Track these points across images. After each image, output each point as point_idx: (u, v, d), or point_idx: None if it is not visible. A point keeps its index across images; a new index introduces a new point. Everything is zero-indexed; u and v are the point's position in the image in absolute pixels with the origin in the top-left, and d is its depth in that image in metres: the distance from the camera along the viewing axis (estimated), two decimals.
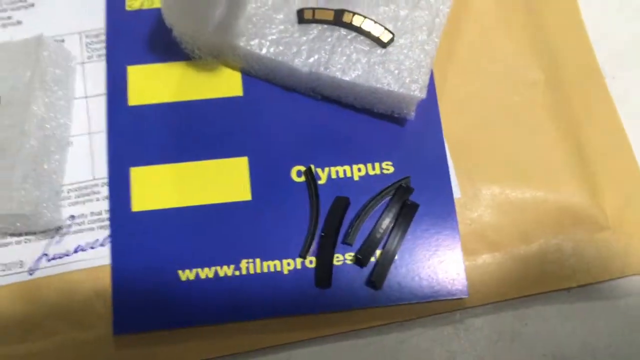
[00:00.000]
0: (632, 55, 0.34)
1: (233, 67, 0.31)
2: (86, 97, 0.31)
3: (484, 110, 0.32)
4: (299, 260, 0.29)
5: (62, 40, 0.32)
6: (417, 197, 0.30)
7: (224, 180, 0.30)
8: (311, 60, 0.29)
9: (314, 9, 0.29)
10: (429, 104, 0.31)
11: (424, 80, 0.29)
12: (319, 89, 0.30)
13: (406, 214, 0.30)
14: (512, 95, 0.32)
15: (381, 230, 0.29)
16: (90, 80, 0.31)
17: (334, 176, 0.30)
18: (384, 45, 0.29)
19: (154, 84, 0.31)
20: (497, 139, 0.31)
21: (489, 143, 0.31)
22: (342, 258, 0.29)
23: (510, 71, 0.32)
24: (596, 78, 0.33)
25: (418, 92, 0.28)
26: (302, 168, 0.30)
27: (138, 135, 0.30)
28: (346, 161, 0.30)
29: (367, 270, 0.29)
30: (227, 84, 0.31)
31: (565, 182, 0.31)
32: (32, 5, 0.33)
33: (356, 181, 0.30)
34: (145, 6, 0.32)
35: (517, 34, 0.33)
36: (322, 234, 0.29)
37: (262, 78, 0.31)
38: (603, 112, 0.32)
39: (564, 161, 0.31)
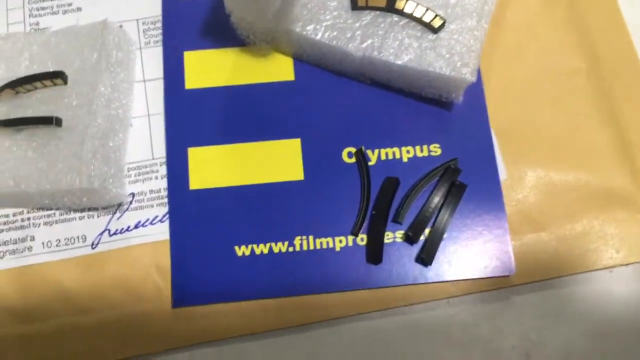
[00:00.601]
0: None
1: (285, 53, 0.31)
2: (144, 80, 0.31)
3: (527, 96, 0.32)
4: (350, 238, 0.29)
5: (121, 27, 0.32)
6: (465, 178, 0.30)
7: (278, 161, 0.30)
8: (364, 45, 0.29)
9: None
10: (475, 88, 0.31)
11: (475, 64, 0.29)
12: (370, 74, 0.30)
13: (455, 193, 0.29)
14: (555, 82, 0.32)
15: (430, 209, 0.29)
16: (148, 64, 0.31)
17: (383, 158, 0.30)
18: (435, 30, 0.29)
19: (209, 68, 0.31)
20: (541, 124, 0.31)
21: (533, 127, 0.31)
22: (393, 236, 0.29)
23: (553, 59, 0.32)
24: (635, 68, 0.33)
25: (469, 75, 0.28)
26: (353, 149, 0.30)
27: (194, 117, 0.30)
28: (395, 143, 0.30)
29: (417, 247, 0.29)
30: (279, 68, 0.31)
31: (606, 165, 0.31)
32: None
33: (405, 162, 0.30)
34: None
35: (559, 24, 0.33)
36: (373, 212, 0.29)
37: (313, 63, 0.31)
38: None
39: (605, 145, 0.31)
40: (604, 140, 0.31)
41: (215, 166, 0.30)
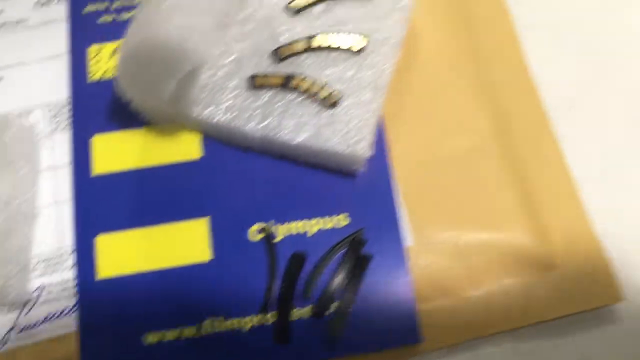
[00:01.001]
0: (576, 97, 0.33)
1: (192, 130, 0.31)
2: (52, 167, 0.31)
3: (434, 159, 0.31)
4: (258, 317, 0.29)
5: (29, 113, 0.31)
6: (371, 247, 0.30)
7: (186, 242, 0.29)
8: (263, 125, 0.29)
9: (264, 75, 0.29)
10: (380, 155, 0.31)
11: (370, 138, 0.28)
12: (274, 150, 0.30)
13: (360, 265, 0.29)
14: (460, 143, 0.31)
15: (336, 283, 0.29)
16: (56, 151, 0.31)
17: (291, 232, 0.30)
18: (331, 106, 0.29)
19: (118, 151, 0.31)
20: (448, 186, 0.31)
21: (439, 190, 0.31)
22: (301, 312, 0.29)
23: (458, 120, 0.32)
24: (542, 122, 0.32)
25: (365, 151, 0.28)
26: (261, 226, 0.30)
27: (103, 203, 0.30)
28: (303, 216, 0.30)
29: (325, 323, 0.29)
30: (187, 147, 0.31)
31: (514, 224, 0.30)
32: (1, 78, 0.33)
33: (312, 235, 0.30)
34: (107, 76, 0.32)
35: (466, 85, 0.32)
36: (280, 290, 0.29)
37: (220, 140, 0.31)
38: (549, 155, 0.32)
39: (512, 204, 0.31)
40: (510, 199, 0.31)
41: (124, 253, 0.29)
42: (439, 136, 0.32)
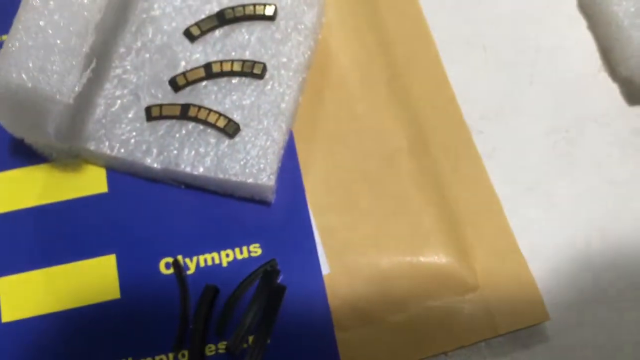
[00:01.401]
0: (497, 111, 0.32)
1: (96, 164, 0.30)
2: None
3: (350, 182, 0.30)
4: (171, 356, 0.27)
5: None
6: (287, 277, 0.28)
7: (93, 281, 0.28)
8: (162, 157, 0.27)
9: (161, 105, 0.28)
10: (293, 180, 0.29)
11: (272, 167, 0.27)
12: (178, 181, 0.29)
13: (275, 297, 0.28)
14: (377, 164, 0.30)
15: (250, 317, 0.27)
16: None
17: (202, 264, 0.28)
18: (230, 135, 0.27)
19: (17, 189, 0.29)
20: (365, 210, 0.29)
21: (356, 215, 0.29)
22: (215, 348, 0.27)
23: (374, 140, 0.30)
24: (463, 136, 0.31)
25: (266, 179, 0.27)
26: (171, 259, 0.28)
27: (5, 244, 0.28)
28: (214, 248, 0.28)
29: (241, 358, 0.27)
30: (91, 181, 0.29)
31: (435, 245, 0.29)
32: None
33: (225, 267, 0.28)
34: None
35: (380, 103, 0.31)
36: (193, 326, 0.28)
37: (125, 172, 0.29)
38: (471, 171, 0.30)
39: (433, 224, 0.29)
40: (430, 220, 0.29)
41: (29, 294, 0.28)
42: (353, 157, 0.30)
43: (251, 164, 0.27)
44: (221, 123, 0.27)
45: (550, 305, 0.28)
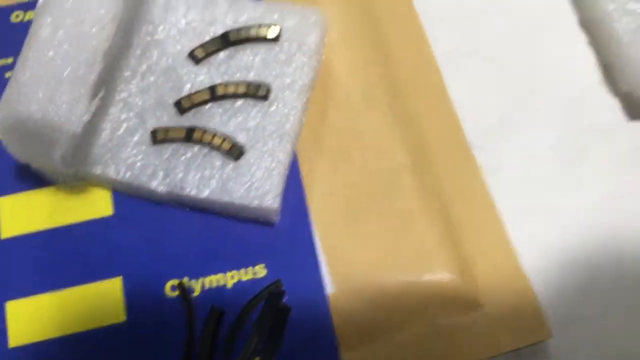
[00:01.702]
0: (499, 127, 0.32)
1: (102, 187, 0.30)
2: None
3: (353, 201, 0.30)
4: None
5: None
6: (291, 297, 0.28)
7: (99, 304, 0.28)
8: (167, 180, 0.27)
9: (166, 129, 0.28)
10: (297, 200, 0.29)
11: (278, 189, 0.27)
12: (184, 203, 0.29)
13: (280, 318, 0.28)
14: (380, 182, 0.30)
15: (256, 339, 0.27)
16: None
17: (207, 286, 0.28)
18: (235, 158, 0.27)
19: (25, 213, 0.29)
20: (368, 228, 0.29)
21: (360, 233, 0.29)
22: None
23: (377, 157, 0.30)
24: (464, 153, 0.31)
25: (271, 202, 0.27)
26: (176, 282, 0.28)
27: (12, 268, 0.28)
28: (219, 269, 0.29)
29: None
30: (97, 204, 0.29)
31: (438, 263, 0.29)
32: None
33: (230, 288, 0.28)
34: None
35: (382, 120, 0.31)
36: (199, 348, 0.28)
37: (131, 195, 0.29)
38: (472, 187, 0.30)
39: (436, 241, 0.29)
40: (433, 237, 0.29)
41: (37, 318, 0.28)
42: (357, 175, 0.30)
43: (256, 186, 0.27)
44: (226, 146, 0.27)
45: (553, 323, 0.28)
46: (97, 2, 0.24)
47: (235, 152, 0.27)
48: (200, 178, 0.27)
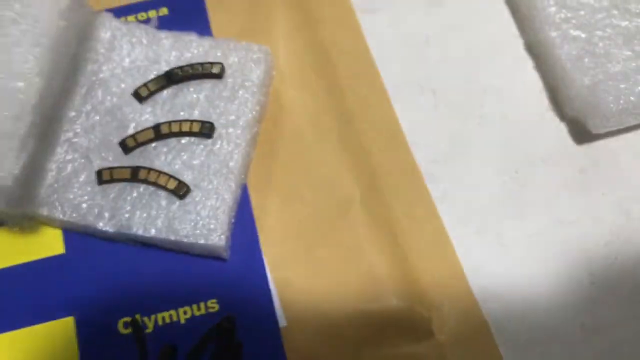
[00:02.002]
0: (449, 155, 0.32)
1: (52, 226, 0.30)
2: None
3: (304, 233, 0.30)
4: None
5: None
6: (244, 332, 0.28)
7: (51, 344, 0.28)
8: (114, 220, 0.28)
9: (111, 169, 0.28)
10: (248, 234, 0.29)
11: (223, 227, 0.27)
12: (134, 241, 0.29)
13: (232, 353, 0.28)
14: (330, 214, 0.30)
15: None
16: None
17: (160, 322, 0.28)
18: (181, 197, 0.27)
19: None
20: (319, 261, 0.30)
21: (311, 265, 0.29)
22: None
23: (327, 189, 0.30)
24: (415, 180, 0.31)
25: (217, 240, 0.27)
26: (129, 319, 0.28)
27: None
28: (172, 306, 0.29)
29: None
30: (48, 243, 0.29)
31: (388, 293, 0.29)
32: None
33: (183, 324, 0.28)
34: None
35: (333, 151, 0.31)
36: None
37: (81, 233, 0.29)
38: (423, 215, 0.31)
39: (386, 272, 0.29)
40: (383, 267, 0.30)
41: None
42: (308, 209, 0.30)
43: (202, 224, 0.27)
44: (171, 185, 0.27)
45: (504, 346, 0.29)
46: (22, 56, 0.24)
47: (180, 191, 0.27)
48: (146, 217, 0.27)
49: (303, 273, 0.29)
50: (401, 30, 0.35)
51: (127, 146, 0.28)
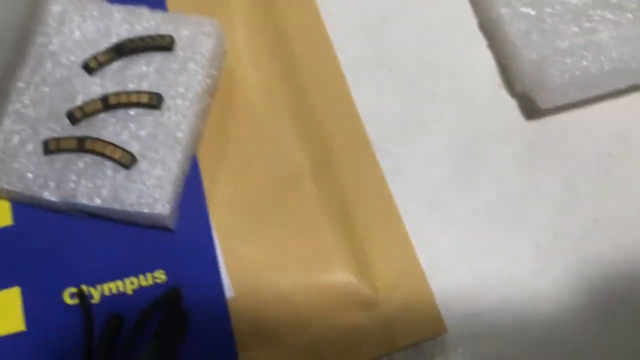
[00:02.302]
0: (401, 130, 0.32)
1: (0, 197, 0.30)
2: None
3: (255, 205, 0.30)
4: None
5: None
6: (191, 302, 0.28)
7: None
8: (60, 190, 0.28)
9: (58, 139, 0.28)
10: (197, 206, 0.30)
11: (167, 196, 0.27)
12: (81, 212, 0.29)
13: (177, 325, 0.28)
14: (280, 187, 0.30)
15: (154, 345, 0.28)
16: None
17: (107, 293, 0.28)
18: (126, 167, 0.27)
19: None
20: (268, 233, 0.30)
21: (260, 237, 0.30)
22: None
23: (279, 163, 0.31)
24: (367, 155, 0.31)
25: (161, 209, 0.27)
26: (75, 289, 0.28)
27: None
28: (118, 276, 0.29)
29: None
30: None
31: (335, 265, 0.29)
32: None
33: (131, 295, 0.28)
34: None
35: (286, 124, 0.31)
36: (97, 357, 0.28)
37: (29, 204, 0.29)
38: (374, 190, 0.31)
39: (334, 244, 0.30)
40: (332, 240, 0.30)
41: None
42: (258, 181, 0.30)
43: (147, 194, 0.27)
44: (117, 155, 0.27)
45: (449, 318, 0.29)
46: None
47: (126, 160, 0.27)
48: (92, 187, 0.27)
49: (252, 244, 0.29)
50: (358, 9, 0.35)
51: (74, 117, 0.28)
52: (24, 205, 0.29)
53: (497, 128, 0.33)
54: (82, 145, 0.28)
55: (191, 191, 0.30)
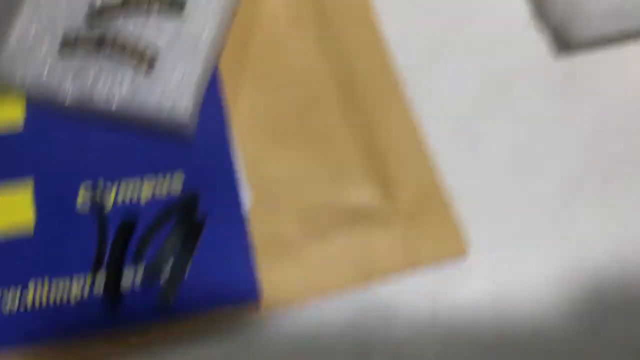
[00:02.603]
0: (428, 54, 0.31)
1: (12, 95, 0.28)
2: None
3: (276, 119, 0.29)
4: (87, 288, 0.27)
5: None
6: (208, 209, 0.28)
7: (7, 208, 0.27)
8: (75, 90, 0.26)
9: (76, 37, 0.27)
10: (218, 116, 0.29)
11: (188, 101, 0.26)
12: (95, 116, 0.28)
13: (194, 229, 0.27)
14: (304, 104, 0.29)
15: (168, 249, 0.27)
16: None
17: (122, 195, 0.28)
18: (146, 69, 0.26)
19: None
20: (290, 146, 0.29)
21: (281, 150, 0.29)
22: (132, 278, 0.27)
23: (302, 80, 0.30)
24: (393, 80, 0.30)
25: (182, 114, 0.26)
26: (89, 190, 0.28)
27: None
28: (136, 178, 0.28)
29: (157, 289, 0.27)
30: (7, 112, 0.28)
31: (358, 182, 0.29)
32: None
33: (143, 206, 0.28)
34: None
35: (308, 41, 0.30)
36: (109, 258, 0.27)
37: (42, 109, 0.28)
38: (399, 113, 0.30)
39: (357, 162, 0.29)
40: (354, 158, 0.29)
41: None
42: (280, 97, 0.29)
43: (166, 98, 0.26)
44: (137, 56, 0.26)
45: (474, 243, 0.28)
46: None
47: (145, 62, 0.26)
48: (109, 88, 0.26)
49: (273, 157, 0.29)
50: None
51: (94, 16, 0.27)
52: (36, 110, 0.28)
53: (527, 60, 0.32)
54: (100, 44, 0.26)
55: (212, 102, 0.29)
